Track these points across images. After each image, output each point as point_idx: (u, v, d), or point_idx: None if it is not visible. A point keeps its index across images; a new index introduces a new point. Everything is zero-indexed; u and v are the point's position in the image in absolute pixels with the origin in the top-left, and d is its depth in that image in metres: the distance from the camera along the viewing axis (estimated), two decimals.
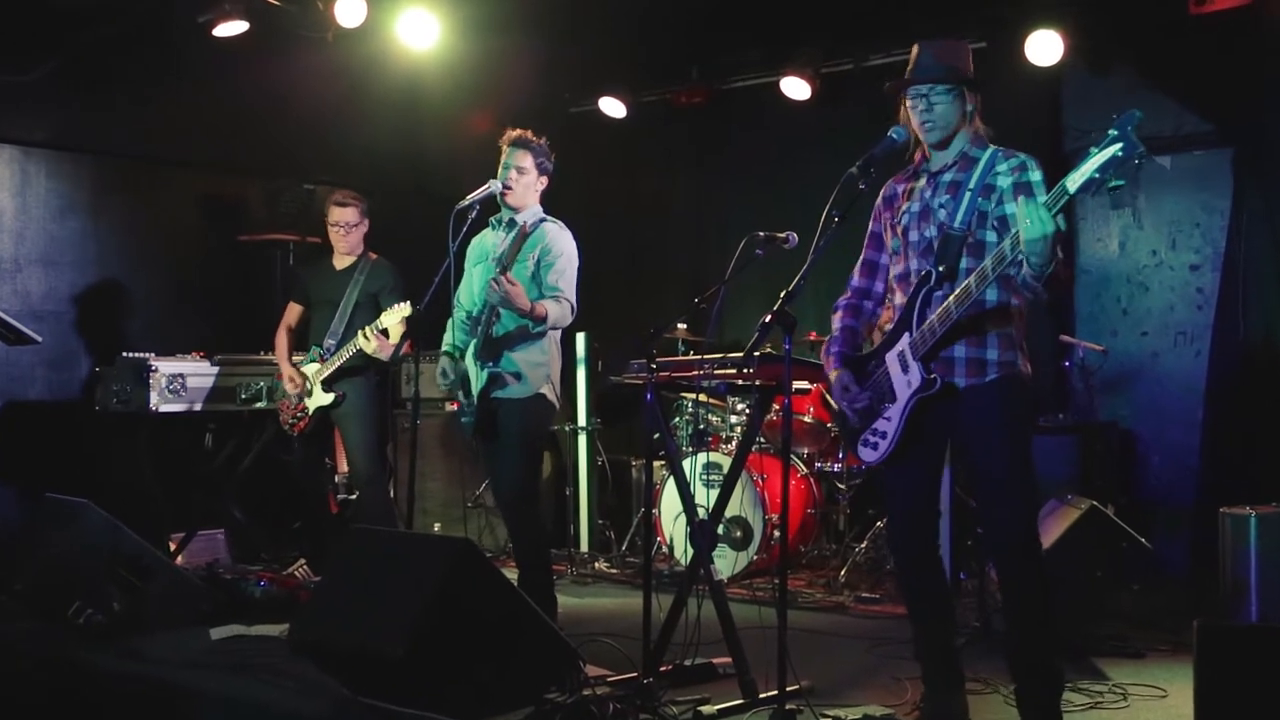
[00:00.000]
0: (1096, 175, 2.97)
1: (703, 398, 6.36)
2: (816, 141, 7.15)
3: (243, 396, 6.30)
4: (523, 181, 4.70)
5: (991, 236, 3.41)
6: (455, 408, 5.03)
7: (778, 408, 5.96)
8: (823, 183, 3.57)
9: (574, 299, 4.66)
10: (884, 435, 3.54)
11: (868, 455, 3.60)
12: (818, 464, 6.48)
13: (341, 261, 5.84)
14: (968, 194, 3.43)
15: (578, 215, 4.97)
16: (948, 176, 3.50)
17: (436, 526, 6.73)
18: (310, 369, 5.77)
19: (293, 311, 6.01)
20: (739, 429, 6.45)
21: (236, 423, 6.48)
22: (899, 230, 3.58)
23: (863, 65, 6.89)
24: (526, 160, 4.71)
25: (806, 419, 6.27)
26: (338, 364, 5.64)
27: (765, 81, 7.27)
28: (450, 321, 4.88)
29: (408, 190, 7.31)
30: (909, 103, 3.51)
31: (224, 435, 6.52)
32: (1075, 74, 6.53)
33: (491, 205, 4.77)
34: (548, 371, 4.72)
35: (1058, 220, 3.06)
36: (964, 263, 3.41)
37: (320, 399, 5.72)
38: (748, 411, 6.36)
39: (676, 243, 8.13)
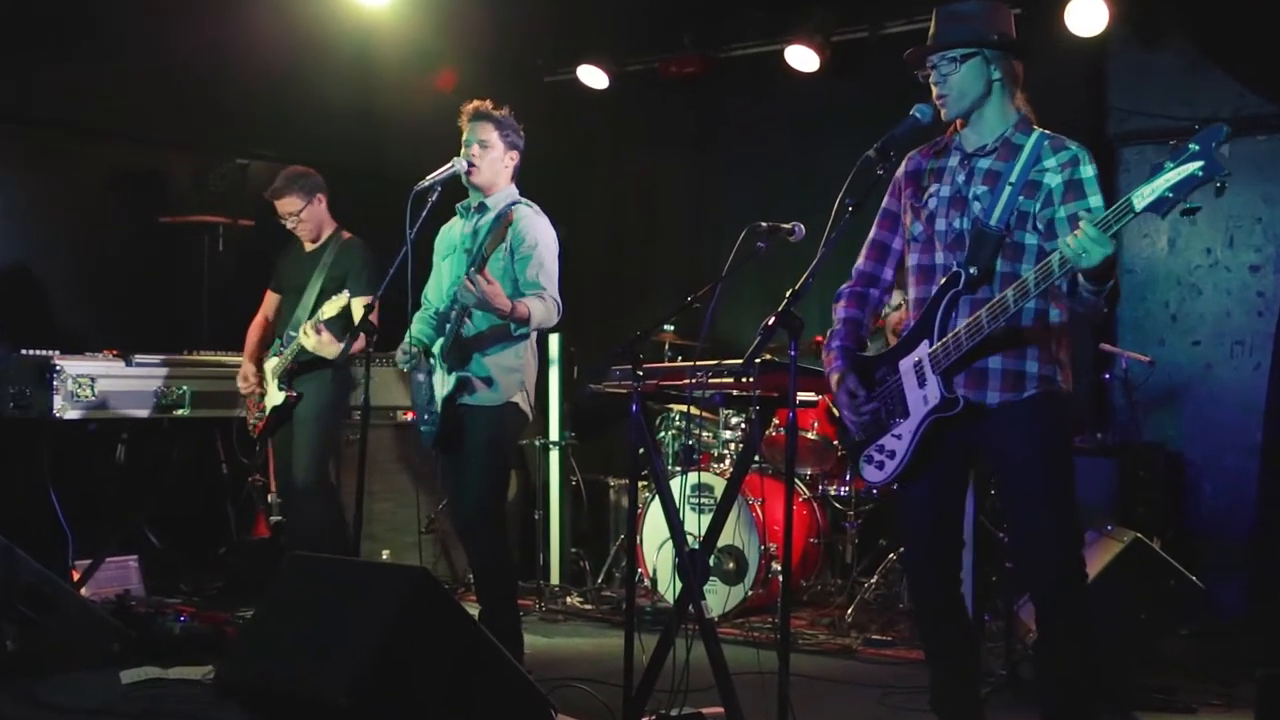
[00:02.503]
0: (1169, 195, 2.94)
1: (694, 410, 6.37)
2: (827, 120, 7.18)
3: (162, 402, 6.28)
4: (489, 158, 4.72)
5: (1033, 239, 3.42)
6: (410, 417, 5.03)
7: (779, 422, 5.98)
8: (834, 167, 3.58)
9: (559, 295, 4.69)
10: (892, 455, 3.55)
11: (872, 475, 3.62)
12: (822, 486, 6.50)
13: (310, 245, 5.87)
14: (1008, 189, 3.43)
15: (553, 200, 4.98)
16: (985, 163, 3.50)
17: (385, 554, 6.72)
18: (270, 364, 5.79)
19: (269, 301, 6.03)
20: (734, 446, 6.46)
21: (154, 432, 6.46)
22: (923, 215, 3.58)
23: (880, 32, 6.93)
24: (490, 133, 4.73)
25: (810, 435, 6.29)
26: (290, 359, 5.66)
27: (768, 50, 7.30)
28: (417, 315, 4.91)
29: (360, 168, 7.31)
30: (930, 76, 3.53)
31: (139, 447, 6.50)
32: (1122, 46, 6.58)
33: (457, 190, 4.78)
34: (522, 378, 4.74)
35: (1118, 240, 3.06)
36: (1000, 265, 3.42)
37: (273, 398, 5.74)
38: (744, 426, 6.38)
39: (666, 233, 8.15)
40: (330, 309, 5.45)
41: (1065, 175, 3.42)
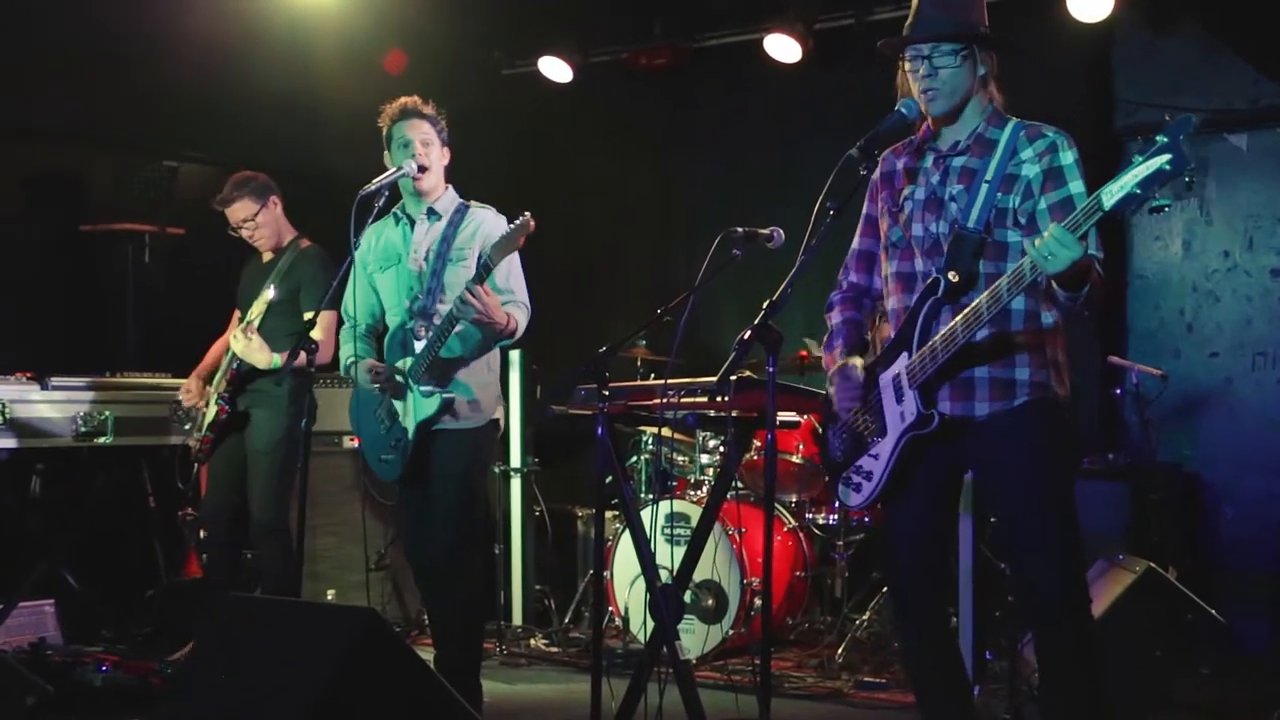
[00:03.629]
0: (1137, 191, 3.00)
1: (666, 432, 6.39)
2: (809, 115, 7.23)
3: (82, 429, 6.25)
4: (432, 157, 4.79)
5: (1015, 236, 3.47)
6: (356, 444, 5.03)
7: (758, 444, 6.00)
8: (815, 166, 3.61)
9: (528, 299, 4.76)
10: (869, 476, 3.60)
11: (851, 498, 3.68)
12: (809, 515, 6.53)
13: (269, 254, 5.89)
14: (984, 186, 3.47)
15: (511, 203, 5.00)
16: (960, 161, 3.55)
17: (330, 594, 6.70)
18: (214, 383, 5.83)
19: (235, 317, 6.05)
20: (711, 471, 6.48)
21: (73, 463, 6.43)
22: (900, 219, 3.63)
23: (867, 19, 6.98)
24: (428, 131, 4.80)
25: (795, 459, 6.32)
26: (227, 367, 5.68)
27: (746, 39, 7.36)
28: (344, 335, 4.93)
29: (300, 170, 7.30)
30: (908, 65, 3.55)
31: (56, 478, 6.46)
32: (1130, 32, 6.64)
33: (392, 196, 4.81)
34: (497, 390, 4.84)
35: (1086, 241, 3.09)
36: (983, 267, 3.46)
37: (210, 413, 5.76)
38: (722, 450, 6.40)
39: (634, 239, 8.18)
40: (257, 310, 5.51)
41: (1043, 164, 3.46)
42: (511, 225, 4.40)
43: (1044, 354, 3.50)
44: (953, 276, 3.45)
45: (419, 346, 4.67)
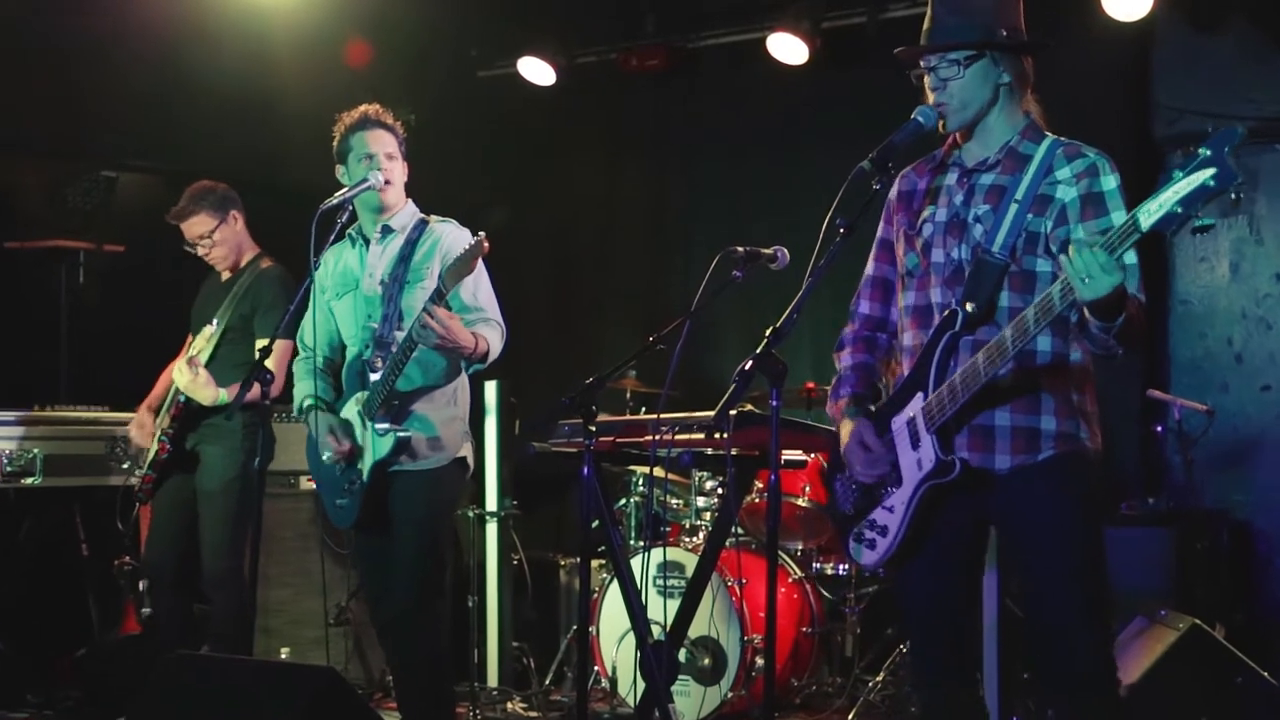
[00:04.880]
0: (1178, 209, 2.98)
1: (659, 472, 6.39)
2: (815, 122, 7.27)
3: (7, 469, 6.26)
4: (396, 170, 4.83)
5: (1045, 266, 3.46)
6: (313, 484, 5.03)
7: (760, 486, 6.01)
8: (824, 179, 3.64)
9: (501, 317, 4.74)
10: (884, 531, 3.58)
11: (865, 557, 3.65)
12: (816, 564, 6.53)
13: (227, 274, 5.90)
14: (1013, 207, 3.46)
15: (486, 220, 5.03)
16: (988, 178, 3.54)
17: (285, 652, 6.69)
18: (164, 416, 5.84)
19: (188, 341, 6.04)
20: (708, 515, 6.49)
21: None
22: (917, 244, 3.63)
23: (880, 17, 7.01)
24: (391, 143, 4.83)
25: (801, 502, 6.33)
26: (171, 403, 5.68)
27: (747, 38, 7.41)
28: (298, 369, 4.95)
29: (254, 181, 7.31)
30: (926, 77, 3.56)
31: None
32: (1172, 31, 6.67)
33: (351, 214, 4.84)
34: (464, 426, 4.81)
35: (1123, 266, 3.07)
36: (1005, 299, 3.45)
37: (150, 451, 5.77)
38: (720, 492, 6.41)
39: (624, 259, 8.19)
40: (200, 345, 5.53)
41: (1081, 188, 3.45)
42: (464, 247, 4.39)
43: (1071, 400, 3.49)
44: (970, 307, 3.44)
45: (375, 379, 4.67)
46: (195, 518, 5.72)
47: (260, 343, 5.36)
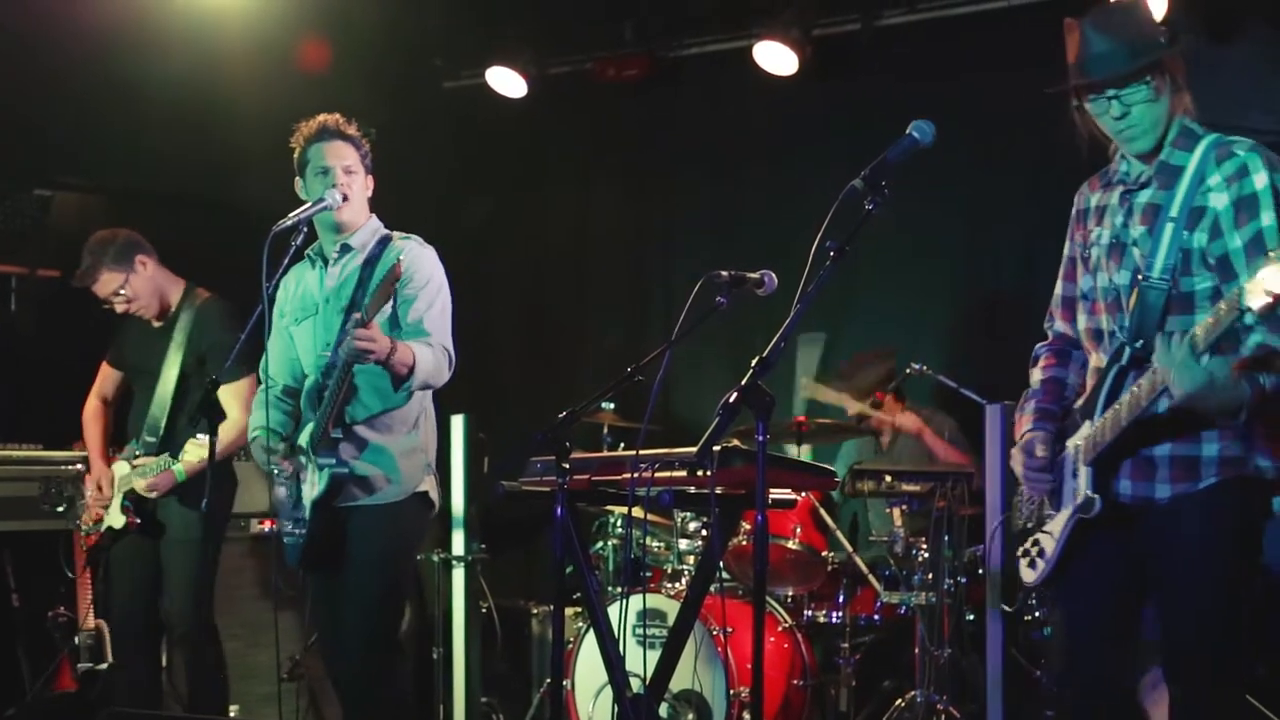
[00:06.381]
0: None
1: (638, 513, 6.38)
2: (805, 136, 7.30)
3: None
4: (356, 185, 4.82)
5: (1205, 283, 3.48)
6: (269, 526, 5.02)
7: (747, 528, 6.02)
8: (814, 197, 3.65)
9: (451, 345, 4.73)
10: (1042, 553, 3.73)
11: (1025, 573, 3.81)
12: (808, 612, 6.52)
13: (158, 323, 5.85)
14: (1169, 226, 3.49)
15: (453, 239, 5.04)
16: (1144, 196, 3.59)
17: (234, 710, 6.67)
18: (119, 469, 5.78)
19: (106, 377, 6.02)
20: (691, 559, 6.49)
21: None
22: (1089, 266, 3.72)
23: (874, 24, 7.04)
24: (350, 155, 4.83)
25: (791, 545, 6.32)
26: (153, 476, 5.63)
27: (733, 47, 7.43)
28: (256, 399, 4.93)
29: (200, 197, 7.32)
30: (1089, 105, 3.59)
31: None
32: (1187, 38, 6.68)
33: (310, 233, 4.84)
34: (427, 458, 4.80)
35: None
36: (1171, 325, 3.48)
37: (114, 517, 5.73)
38: (704, 534, 6.41)
39: (599, 283, 8.20)
40: (193, 453, 5.35)
41: (1233, 192, 3.45)
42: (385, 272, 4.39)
43: (1238, 425, 3.46)
44: (1139, 344, 3.51)
45: (320, 411, 4.65)
46: (159, 566, 5.69)
47: (220, 388, 5.28)
